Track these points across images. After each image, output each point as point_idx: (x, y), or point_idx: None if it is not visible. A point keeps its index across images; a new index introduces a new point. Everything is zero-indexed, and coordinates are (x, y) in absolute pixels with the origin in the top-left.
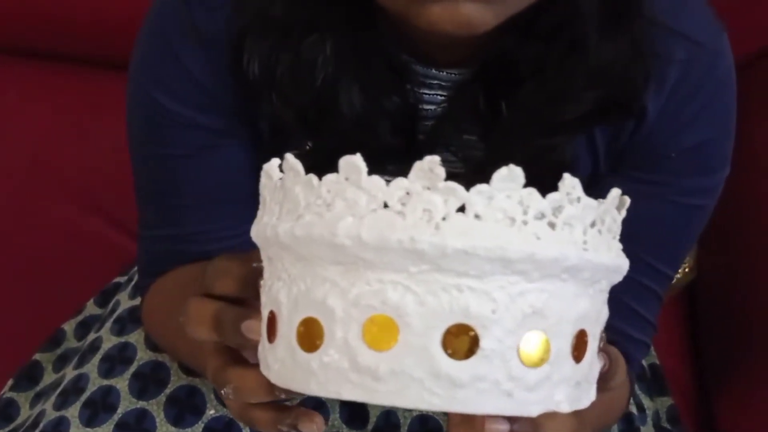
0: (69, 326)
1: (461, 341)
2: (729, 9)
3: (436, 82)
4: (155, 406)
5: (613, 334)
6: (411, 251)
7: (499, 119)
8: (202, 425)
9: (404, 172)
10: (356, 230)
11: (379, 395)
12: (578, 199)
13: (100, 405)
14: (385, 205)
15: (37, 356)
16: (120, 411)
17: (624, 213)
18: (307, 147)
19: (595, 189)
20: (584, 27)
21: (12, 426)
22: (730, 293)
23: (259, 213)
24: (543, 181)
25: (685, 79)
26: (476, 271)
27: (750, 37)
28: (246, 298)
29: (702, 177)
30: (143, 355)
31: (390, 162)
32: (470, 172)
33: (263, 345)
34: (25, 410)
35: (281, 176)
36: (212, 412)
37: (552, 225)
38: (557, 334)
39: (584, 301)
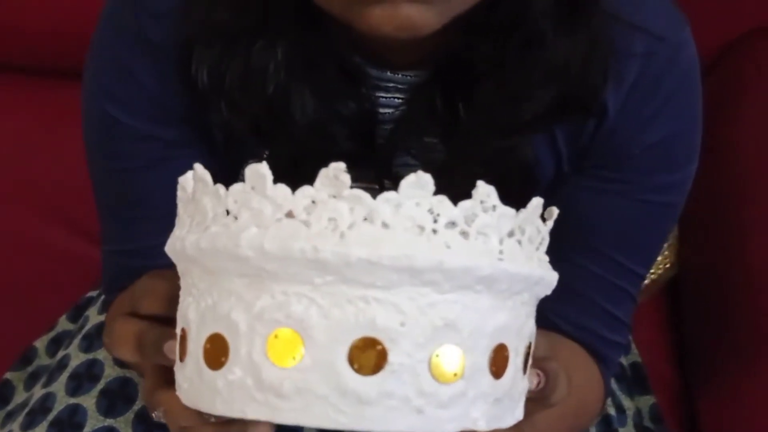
0: (41, 343)
1: (368, 356)
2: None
3: (392, 84)
4: (123, 424)
5: (586, 335)
6: (314, 261)
7: (458, 121)
8: None
9: (366, 177)
10: (259, 241)
11: (283, 414)
12: (493, 208)
13: (67, 424)
14: (291, 215)
15: (8, 375)
16: (87, 430)
17: (551, 224)
18: (265, 155)
19: (560, 189)
20: (539, 23)
21: None
22: (713, 289)
23: (175, 227)
24: (506, 182)
25: (644, 73)
26: (383, 282)
27: (727, 25)
28: (173, 316)
29: (668, 173)
30: (111, 372)
31: (350, 168)
32: (432, 176)
33: (177, 364)
34: None
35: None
36: None
37: (464, 234)
38: (472, 348)
39: (502, 314)
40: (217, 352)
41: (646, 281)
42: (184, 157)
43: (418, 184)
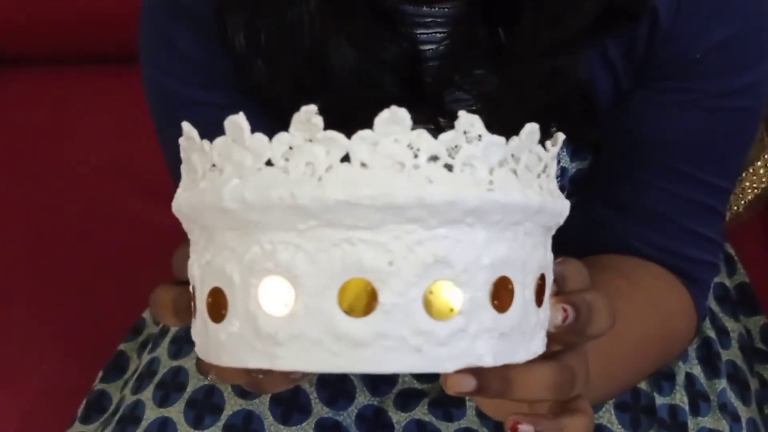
0: (148, 314)
1: (358, 297)
2: None
3: (430, 19)
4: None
5: (671, 257)
6: (294, 207)
7: (503, 47)
8: (269, 395)
9: (421, 120)
10: (240, 192)
11: (282, 361)
12: (479, 137)
13: (171, 385)
14: (271, 163)
15: (122, 346)
16: (189, 389)
17: (556, 150)
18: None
19: (625, 109)
20: None
21: (105, 416)
22: None
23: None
24: (563, 107)
25: None
26: (366, 223)
27: None
28: None
29: (737, 76)
30: None
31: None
32: (485, 108)
33: (192, 321)
34: (116, 398)
35: None
36: None
37: (449, 167)
38: (468, 282)
39: (500, 246)
40: (217, 305)
41: (749, 197)
42: None
43: (393, 119)
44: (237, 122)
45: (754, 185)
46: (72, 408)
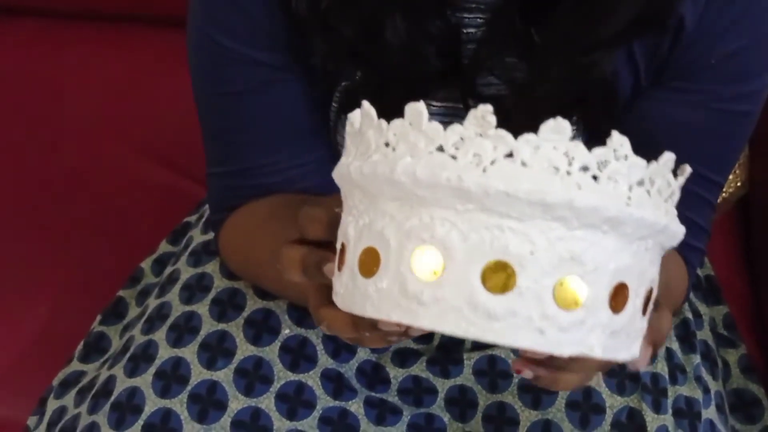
0: (146, 264)
1: (499, 277)
2: None
3: (474, 5)
4: (235, 328)
5: None
6: (458, 189)
7: (537, 39)
8: (279, 344)
9: (451, 97)
10: (412, 168)
11: (422, 319)
12: (625, 157)
13: (184, 328)
14: (441, 149)
15: (121, 293)
16: (203, 332)
17: (683, 180)
18: (357, 77)
19: (638, 104)
20: None
21: (106, 356)
22: None
23: (342, 156)
24: (587, 100)
25: None
26: (517, 214)
27: None
28: (332, 240)
29: (742, 83)
30: (220, 283)
31: (437, 87)
32: (513, 94)
33: (335, 274)
34: (116, 341)
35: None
36: (287, 331)
37: (596, 178)
38: (594, 281)
39: (625, 255)
40: (370, 263)
41: (718, 199)
42: (285, 82)
43: (557, 128)
44: (417, 109)
45: (722, 189)
46: (67, 348)
